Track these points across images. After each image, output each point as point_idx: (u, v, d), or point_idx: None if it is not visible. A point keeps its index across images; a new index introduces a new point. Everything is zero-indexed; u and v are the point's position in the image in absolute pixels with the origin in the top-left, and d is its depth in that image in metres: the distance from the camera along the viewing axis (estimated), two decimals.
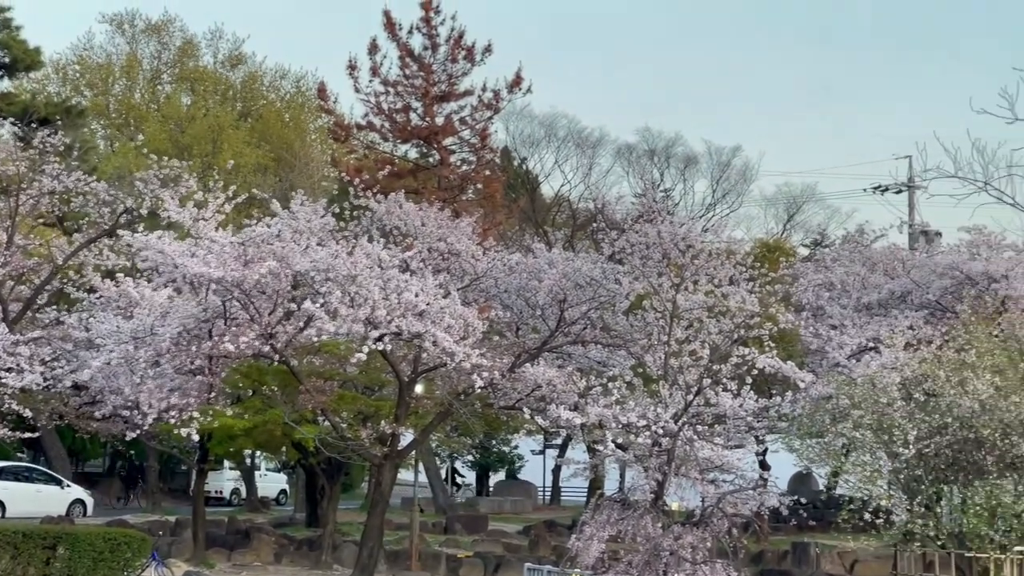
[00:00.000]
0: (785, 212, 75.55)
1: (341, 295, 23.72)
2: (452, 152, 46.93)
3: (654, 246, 27.23)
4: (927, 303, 33.35)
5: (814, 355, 32.37)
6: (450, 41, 44.83)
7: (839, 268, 35.66)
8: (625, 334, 28.41)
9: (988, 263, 32.78)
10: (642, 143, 71.07)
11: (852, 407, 25.06)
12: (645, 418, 25.00)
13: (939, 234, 55.72)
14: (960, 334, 26.35)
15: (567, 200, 65.74)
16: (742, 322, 27.30)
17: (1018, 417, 23.11)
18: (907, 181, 70.24)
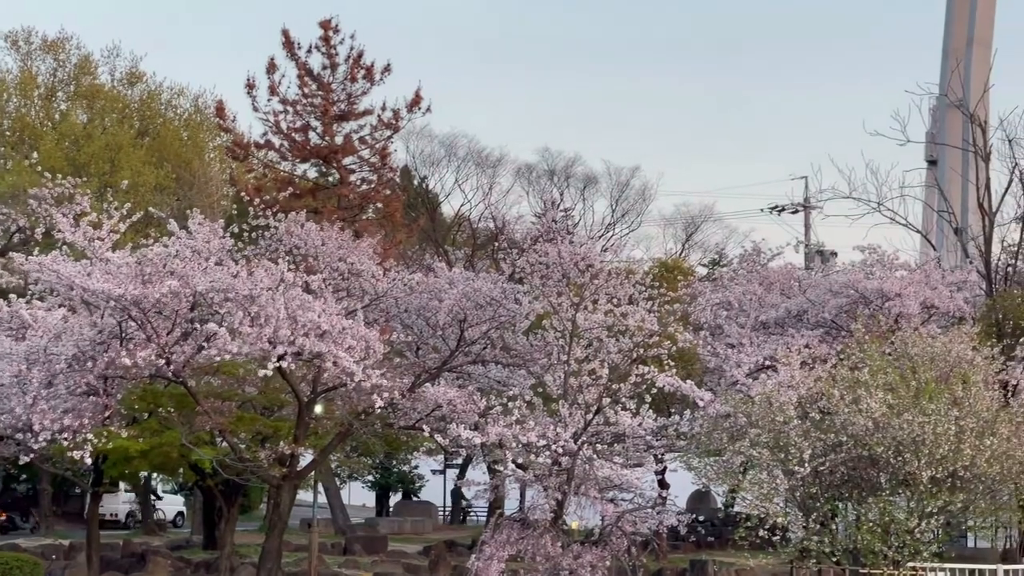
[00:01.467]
0: (683, 232, 76.20)
1: (243, 315, 23.54)
2: (352, 171, 46.72)
3: (554, 266, 27.31)
4: (822, 322, 33.80)
5: (712, 374, 32.66)
6: (349, 60, 44.69)
7: (737, 287, 36.00)
8: (525, 353, 28.46)
9: (882, 282, 33.31)
10: (542, 163, 71.38)
11: (749, 425, 25.35)
12: (545, 437, 25.08)
13: (834, 254, 56.50)
14: (854, 352, 26.75)
15: (467, 219, 65.74)
16: (641, 341, 27.48)
17: (910, 435, 23.49)
18: (803, 201, 71.23)
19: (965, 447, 23.57)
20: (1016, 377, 29.48)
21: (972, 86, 55.84)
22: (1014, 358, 30.55)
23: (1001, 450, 24.05)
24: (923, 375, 24.87)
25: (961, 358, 25.89)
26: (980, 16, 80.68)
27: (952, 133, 66.67)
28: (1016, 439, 24.50)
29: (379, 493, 67.03)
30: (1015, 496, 25.16)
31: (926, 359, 25.66)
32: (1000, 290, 35.09)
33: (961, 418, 23.80)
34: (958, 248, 40.91)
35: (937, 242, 45.78)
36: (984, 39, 79.05)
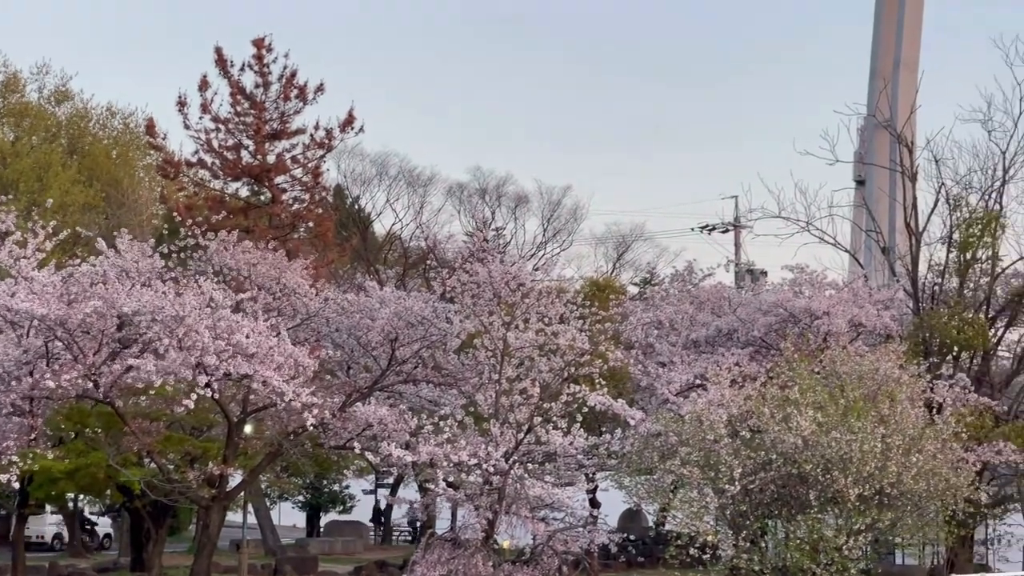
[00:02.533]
0: (615, 251, 76.44)
1: (169, 338, 23.35)
2: (284, 190, 46.45)
3: (485, 285, 27.35)
4: (752, 340, 33.99)
5: (644, 392, 32.74)
6: (282, 79, 44.43)
7: (668, 306, 36.14)
8: (456, 372, 28.46)
9: (810, 301, 33.57)
10: (474, 182, 71.41)
11: (680, 444, 25.44)
12: (476, 456, 25.09)
13: (764, 273, 56.96)
14: (784, 371, 26.93)
15: (399, 238, 65.64)
16: (572, 360, 27.54)
17: (838, 452, 23.67)
18: (733, 221, 71.78)
19: (892, 464, 23.79)
20: (942, 395, 29.80)
21: (899, 107, 56.56)
22: (940, 376, 30.89)
23: (927, 467, 24.30)
24: (851, 393, 25.09)
25: (888, 376, 26.15)
26: (907, 39, 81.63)
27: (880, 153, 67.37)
28: (942, 456, 24.77)
29: (310, 513, 66.64)
30: (941, 513, 25.41)
31: (854, 377, 25.90)
32: (926, 309, 35.45)
33: (888, 436, 24.02)
34: (885, 267, 41.31)
35: (865, 261, 46.13)
36: (911, 61, 79.96)
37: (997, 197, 36.76)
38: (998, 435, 30.68)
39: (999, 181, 36.77)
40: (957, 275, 36.02)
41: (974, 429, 29.40)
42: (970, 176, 37.60)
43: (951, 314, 33.60)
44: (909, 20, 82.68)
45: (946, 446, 25.27)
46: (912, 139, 40.12)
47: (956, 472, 25.30)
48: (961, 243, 35.78)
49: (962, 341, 33.22)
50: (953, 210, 36.63)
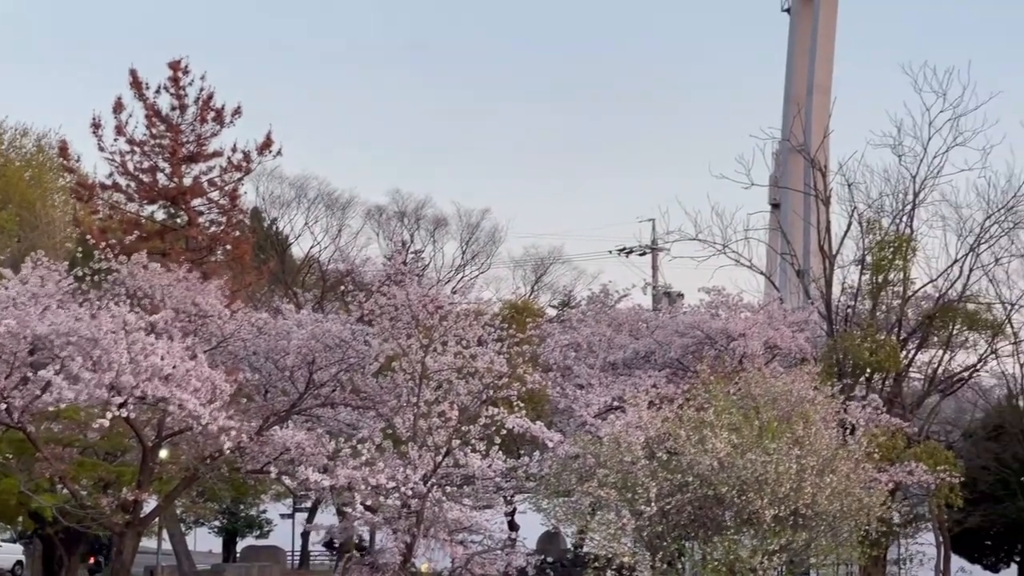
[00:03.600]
0: (533, 273, 76.61)
1: (83, 360, 23.07)
2: (201, 213, 46.11)
3: (403, 308, 27.32)
4: (669, 362, 34.23)
5: (562, 414, 32.83)
6: (199, 102, 44.17)
7: (585, 329, 36.29)
8: (375, 395, 28.37)
9: (726, 323, 33.88)
10: (392, 205, 71.36)
11: (598, 466, 25.53)
12: (394, 480, 25.02)
13: (681, 295, 57.28)
14: (700, 393, 27.13)
15: (317, 261, 65.36)
16: (491, 383, 27.56)
17: (754, 474, 23.87)
18: (650, 243, 72.21)
19: (806, 485, 24.03)
20: (855, 416, 30.18)
21: (813, 132, 57.22)
22: (853, 397, 31.30)
23: (841, 488, 24.57)
24: (766, 415, 25.33)
25: (802, 397, 26.43)
26: (820, 64, 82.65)
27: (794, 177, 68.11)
28: (855, 477, 25.06)
29: (226, 538, 65.98)
30: (855, 533, 25.68)
31: (769, 399, 26.16)
32: (840, 331, 35.88)
33: (802, 457, 24.25)
34: (800, 289, 41.76)
35: (780, 284, 46.62)
36: (824, 86, 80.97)
37: (908, 220, 37.38)
38: (909, 455, 31.15)
39: (910, 205, 37.39)
40: (870, 297, 36.53)
41: (886, 450, 29.83)
42: (882, 200, 38.23)
43: (864, 336, 34.06)
44: (822, 46, 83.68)
45: (859, 467, 25.58)
46: (825, 163, 40.68)
47: (869, 492, 25.61)
48: (874, 266, 36.31)
49: (875, 363, 33.69)
50: (866, 233, 37.17)
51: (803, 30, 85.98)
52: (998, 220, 37.60)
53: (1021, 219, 38.02)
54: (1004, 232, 38.02)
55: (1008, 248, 38.63)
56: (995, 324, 38.51)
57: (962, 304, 37.72)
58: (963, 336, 38.88)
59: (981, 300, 38.77)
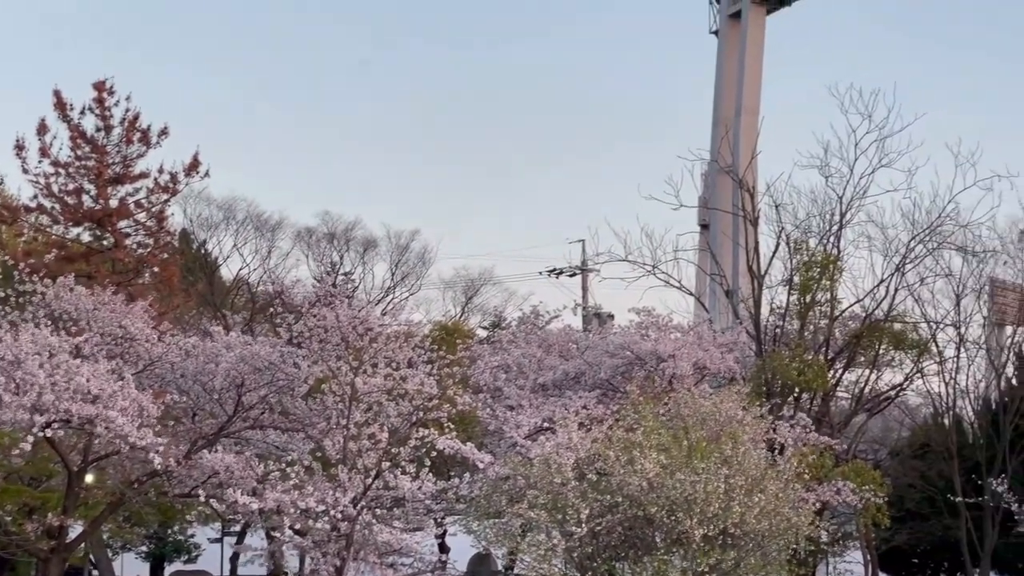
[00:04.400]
0: (463, 295, 76.58)
1: (5, 381, 22.77)
2: (127, 235, 45.73)
3: (333, 330, 27.20)
4: (599, 383, 34.29)
5: (492, 436, 32.81)
6: (125, 123, 43.85)
7: (516, 350, 36.30)
8: (304, 418, 28.22)
9: (656, 343, 33.96)
10: (322, 226, 71.07)
11: (528, 487, 25.53)
12: (324, 502, 24.87)
13: (611, 316, 57.57)
14: (629, 413, 27.20)
15: (247, 283, 64.98)
16: (421, 404, 27.50)
17: (683, 494, 23.96)
18: (581, 264, 72.45)
19: (735, 505, 24.15)
20: (783, 435, 30.38)
21: (741, 153, 57.78)
22: (781, 417, 31.51)
23: (769, 507, 24.71)
24: (695, 435, 25.44)
25: (731, 417, 26.58)
26: (748, 86, 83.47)
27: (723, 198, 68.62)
28: (783, 496, 25.21)
29: (153, 563, 65.29)
30: (783, 552, 25.83)
31: (698, 419, 26.27)
32: (769, 351, 36.12)
33: (731, 476, 24.38)
34: (729, 310, 42.02)
35: (709, 304, 46.90)
36: (752, 108, 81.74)
37: (835, 241, 37.72)
38: (837, 474, 31.38)
39: (836, 225, 37.75)
40: (798, 318, 36.81)
41: (814, 469, 30.04)
42: (809, 221, 38.57)
43: (792, 356, 34.30)
44: (750, 68, 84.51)
45: (788, 486, 25.74)
46: (754, 184, 40.97)
47: (797, 511, 25.76)
48: (801, 286, 36.59)
49: (803, 382, 33.92)
50: (793, 254, 37.47)
51: (731, 52, 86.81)
52: (923, 240, 38.07)
53: (945, 239, 38.51)
54: (929, 252, 38.51)
55: (933, 268, 39.16)
56: (920, 343, 38.94)
57: (888, 324, 38.11)
58: (889, 355, 39.28)
59: (907, 320, 39.19)
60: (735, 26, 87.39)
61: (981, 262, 39.66)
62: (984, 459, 37.54)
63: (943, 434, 38.08)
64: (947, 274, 39.37)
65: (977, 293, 39.86)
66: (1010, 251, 40.03)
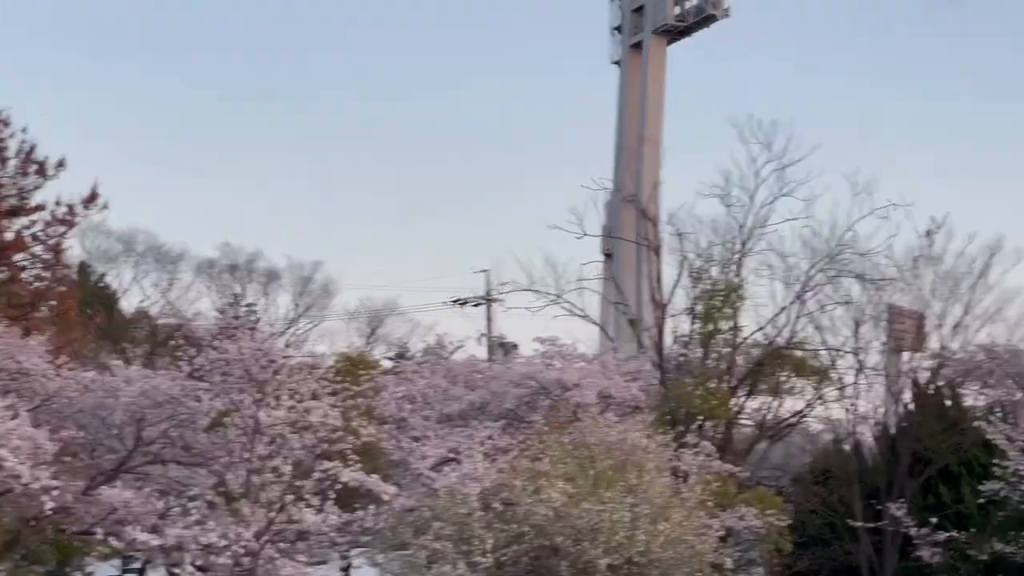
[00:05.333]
0: (368, 326, 76.35)
1: None
2: (24, 268, 45.03)
3: (235, 362, 26.90)
4: (505, 413, 34.25)
5: (397, 467, 32.58)
6: (20, 155, 43.22)
7: (421, 380, 36.15)
8: (206, 452, 27.84)
9: (561, 373, 34.01)
10: (224, 258, 70.56)
11: (434, 518, 25.44)
12: (226, 538, 24.53)
13: (516, 345, 57.59)
14: (535, 443, 27.21)
15: (147, 316, 64.28)
16: (325, 436, 27.27)
17: (589, 523, 24.01)
18: (485, 294, 72.47)
19: (640, 533, 24.24)
20: (687, 463, 30.54)
21: (644, 182, 58.29)
22: (685, 444, 31.68)
23: (674, 535, 24.84)
24: (601, 464, 25.52)
25: (636, 446, 26.71)
26: (650, 116, 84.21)
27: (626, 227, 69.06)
28: (687, 524, 25.35)
29: None
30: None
31: (603, 448, 26.36)
32: (672, 379, 36.36)
33: (636, 505, 24.48)
34: (633, 339, 42.23)
35: (614, 333, 47.09)
36: (654, 138, 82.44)
37: (736, 270, 38.15)
38: (741, 501, 31.61)
39: (738, 254, 38.16)
40: (701, 346, 37.13)
41: (718, 496, 30.24)
42: (711, 249, 38.94)
43: (696, 384, 34.56)
44: (651, 98, 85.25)
45: (692, 513, 25.90)
46: (656, 213, 41.34)
47: (701, 538, 25.93)
48: (704, 315, 36.91)
49: (706, 410, 34.20)
50: (696, 283, 37.82)
51: (633, 82, 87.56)
52: (822, 268, 38.62)
53: (844, 268, 39.07)
54: (828, 280, 39.05)
55: (832, 296, 39.68)
56: (821, 370, 39.43)
57: (789, 351, 38.54)
58: (791, 382, 39.73)
59: (808, 347, 39.66)
60: (636, 57, 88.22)
61: (879, 289, 40.27)
62: (883, 484, 38.02)
63: (843, 460, 38.53)
64: (846, 302, 39.94)
65: (875, 320, 40.44)
66: (907, 279, 40.68)
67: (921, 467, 38.13)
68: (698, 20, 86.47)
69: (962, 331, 40.18)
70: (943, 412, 39.06)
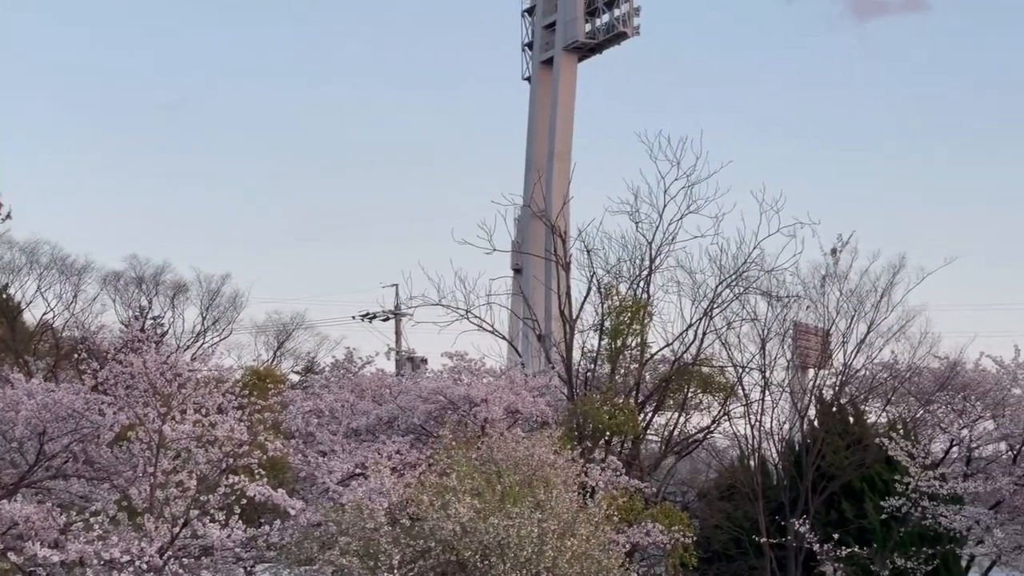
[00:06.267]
0: (275, 339, 75.84)
1: None
2: None
3: (140, 376, 26.64)
4: (413, 428, 34.22)
5: (304, 482, 32.45)
6: None
7: (329, 395, 36.02)
8: (109, 466, 27.53)
9: (469, 388, 34.04)
10: (130, 270, 69.76)
11: (340, 533, 25.31)
12: (129, 553, 24.26)
13: (425, 360, 57.46)
14: (443, 458, 27.17)
15: (51, 328, 63.32)
16: (231, 451, 27.07)
17: (496, 538, 24.00)
18: (394, 309, 72.34)
19: (547, 549, 24.27)
20: (595, 478, 30.66)
21: (554, 198, 58.38)
22: (593, 460, 31.81)
23: (581, 550, 24.89)
24: (508, 479, 25.53)
25: (544, 461, 26.75)
26: (560, 132, 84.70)
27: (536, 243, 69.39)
28: (594, 539, 25.43)
29: None
30: None
31: (511, 463, 26.38)
32: (580, 394, 36.45)
33: (543, 520, 24.50)
34: (542, 354, 42.29)
35: (522, 348, 47.12)
36: (564, 153, 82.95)
37: (645, 286, 38.32)
38: (647, 516, 31.79)
39: (646, 271, 38.34)
40: (609, 361, 37.23)
41: (625, 512, 30.39)
42: (620, 265, 39.09)
43: (603, 400, 34.65)
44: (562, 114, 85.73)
45: (599, 529, 25.97)
46: (566, 229, 41.39)
47: (608, 554, 26.01)
48: (612, 331, 37.04)
49: (614, 426, 34.30)
50: (604, 299, 37.94)
51: (543, 99, 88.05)
52: (730, 285, 38.90)
53: (751, 285, 39.43)
54: (735, 297, 39.34)
55: (739, 313, 39.99)
56: (727, 387, 39.75)
57: (697, 367, 38.80)
58: (698, 398, 40.02)
59: (714, 363, 39.96)
60: (547, 73, 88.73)
61: (785, 307, 40.67)
62: (788, 500, 38.40)
63: (749, 476, 38.85)
64: (753, 319, 40.26)
65: (781, 337, 40.85)
66: (812, 296, 41.14)
67: (825, 483, 38.56)
68: (609, 38, 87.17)
69: (866, 348, 40.71)
70: (847, 429, 39.55)
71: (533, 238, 72.04)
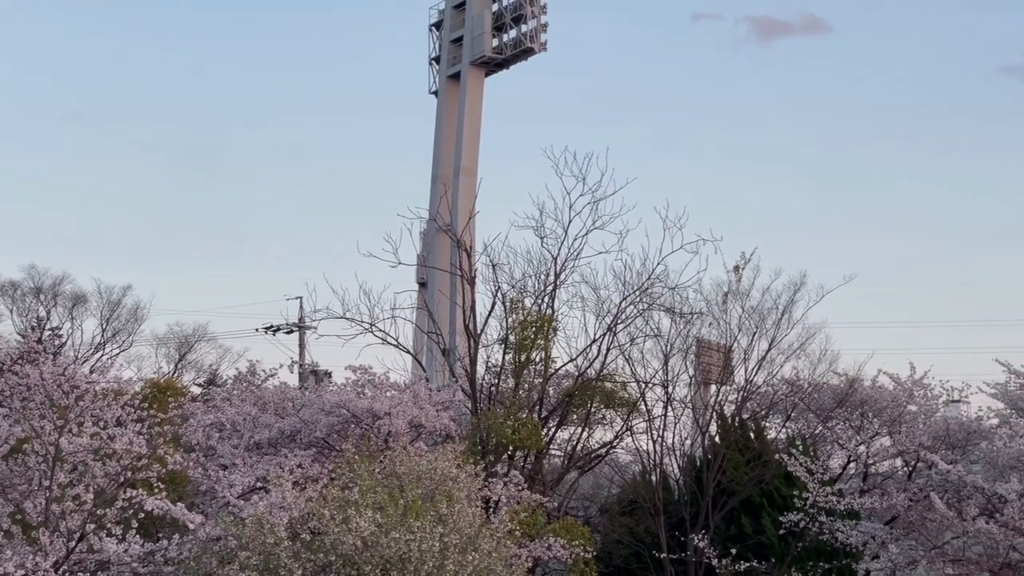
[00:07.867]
0: (177, 352, 75.13)
1: None
2: None
3: (36, 387, 26.22)
4: (315, 441, 34.02)
5: (204, 496, 32.11)
6: None
7: (230, 408, 35.68)
8: (3, 480, 27.03)
9: (373, 401, 33.93)
10: (28, 280, 68.75)
11: (240, 548, 25.05)
12: (24, 567, 23.88)
13: (329, 373, 57.12)
14: (345, 472, 27.03)
15: None
16: (129, 464, 26.72)
17: (397, 553, 23.91)
18: (298, 321, 71.89)
19: (449, 563, 24.21)
20: (497, 493, 30.67)
21: (459, 212, 58.52)
22: (496, 475, 31.83)
23: (483, 565, 24.86)
24: (410, 493, 25.45)
25: (446, 475, 26.71)
26: (466, 146, 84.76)
27: (441, 257, 69.38)
28: (496, 554, 25.42)
29: None
30: None
31: (413, 477, 26.31)
32: (484, 409, 36.47)
33: (446, 535, 24.45)
34: (446, 368, 42.26)
35: (427, 362, 47.06)
36: (470, 168, 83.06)
37: (549, 301, 38.44)
38: (549, 531, 31.88)
39: (551, 286, 38.47)
40: (513, 376, 37.29)
41: (527, 526, 30.44)
42: (525, 280, 39.20)
43: (506, 414, 34.71)
44: (468, 129, 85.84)
45: (501, 543, 25.96)
46: (471, 243, 41.44)
47: (510, 569, 26.04)
48: (516, 345, 37.11)
49: (517, 440, 34.37)
50: (509, 313, 38.01)
51: (450, 113, 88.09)
52: (634, 301, 39.15)
53: (655, 301, 39.70)
54: (639, 313, 39.60)
55: (643, 328, 40.24)
56: (630, 402, 39.96)
57: (600, 382, 38.97)
58: (601, 413, 40.17)
59: (618, 379, 40.15)
60: (454, 87, 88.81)
61: (688, 323, 41.00)
62: (688, 515, 38.68)
63: (650, 491, 39.07)
64: (656, 335, 40.53)
65: (684, 353, 41.17)
66: (715, 313, 41.52)
67: (725, 498, 38.90)
68: (516, 53, 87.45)
69: (767, 365, 41.14)
70: (747, 444, 39.95)
71: (439, 252, 72.00)
